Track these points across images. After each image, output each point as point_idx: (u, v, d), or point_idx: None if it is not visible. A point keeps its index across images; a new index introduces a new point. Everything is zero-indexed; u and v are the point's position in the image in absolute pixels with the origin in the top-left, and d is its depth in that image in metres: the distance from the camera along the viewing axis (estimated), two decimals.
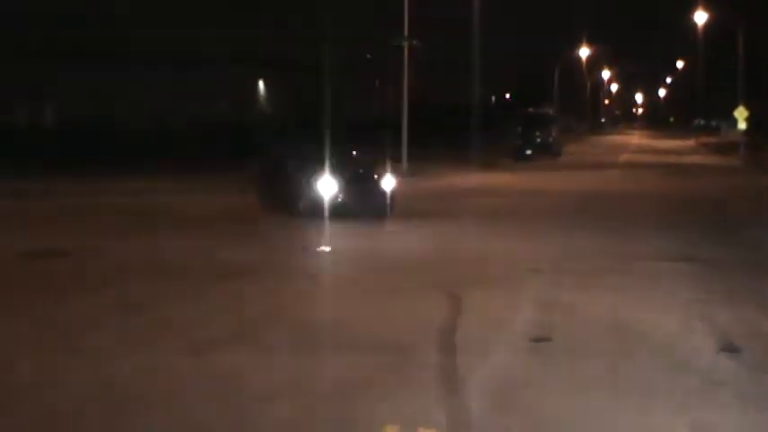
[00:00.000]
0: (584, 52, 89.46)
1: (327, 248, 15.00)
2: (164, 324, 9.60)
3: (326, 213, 17.90)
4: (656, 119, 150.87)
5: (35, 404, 7.07)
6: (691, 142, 75.71)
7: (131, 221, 19.06)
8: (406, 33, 32.52)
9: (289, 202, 19.01)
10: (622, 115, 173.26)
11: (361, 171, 19.35)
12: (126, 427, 6.61)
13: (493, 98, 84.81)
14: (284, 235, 16.90)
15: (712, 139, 74.02)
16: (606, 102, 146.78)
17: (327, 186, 18.23)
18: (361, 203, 18.45)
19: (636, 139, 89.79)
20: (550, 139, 49.70)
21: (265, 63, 56.59)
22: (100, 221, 19.06)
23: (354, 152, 20.64)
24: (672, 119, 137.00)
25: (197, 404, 7.05)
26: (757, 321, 9.76)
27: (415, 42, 32.88)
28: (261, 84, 60.04)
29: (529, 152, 46.79)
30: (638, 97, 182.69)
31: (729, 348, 8.58)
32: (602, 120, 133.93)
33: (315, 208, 18.16)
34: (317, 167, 18.58)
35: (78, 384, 7.54)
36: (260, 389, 7.38)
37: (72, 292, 11.37)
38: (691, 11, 64.45)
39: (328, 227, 17.58)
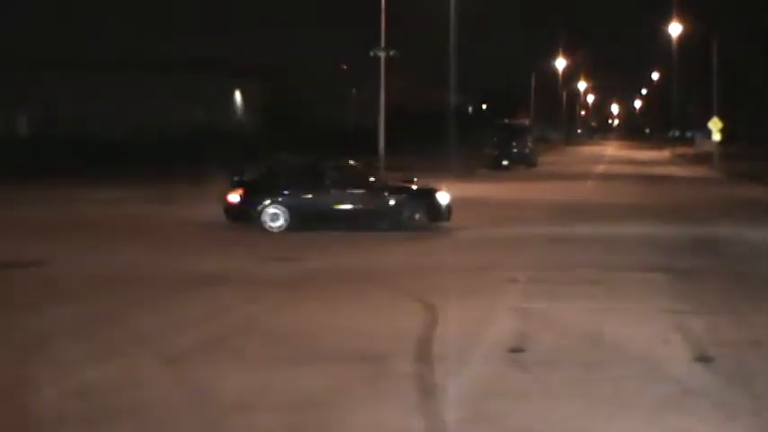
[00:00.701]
0: (560, 63, 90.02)
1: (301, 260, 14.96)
2: (136, 334, 9.52)
3: (447, 219, 19.33)
4: (632, 130, 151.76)
5: (8, 413, 6.98)
6: (666, 153, 76.25)
7: (103, 231, 18.90)
8: (383, 44, 32.57)
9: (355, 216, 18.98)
10: (598, 126, 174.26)
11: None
12: None
13: (470, 108, 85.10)
14: (262, 245, 16.84)
15: (688, 150, 74.62)
16: (582, 112, 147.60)
17: (445, 196, 19.53)
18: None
19: (612, 149, 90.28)
20: (527, 150, 49.99)
21: (241, 72, 56.49)
22: (72, 231, 18.87)
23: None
24: (648, 130, 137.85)
25: (171, 414, 6.98)
26: (731, 331, 9.80)
27: (391, 53, 32.93)
28: (238, 93, 59.91)
29: (505, 162, 47.02)
30: (614, 108, 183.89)
31: (703, 357, 8.62)
32: (579, 130, 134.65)
33: (438, 215, 19.29)
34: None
35: (51, 395, 7.45)
36: (234, 399, 7.32)
37: (43, 302, 11.24)
38: (666, 23, 65.06)
39: (288, 238, 17.50)
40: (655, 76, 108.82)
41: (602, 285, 12.59)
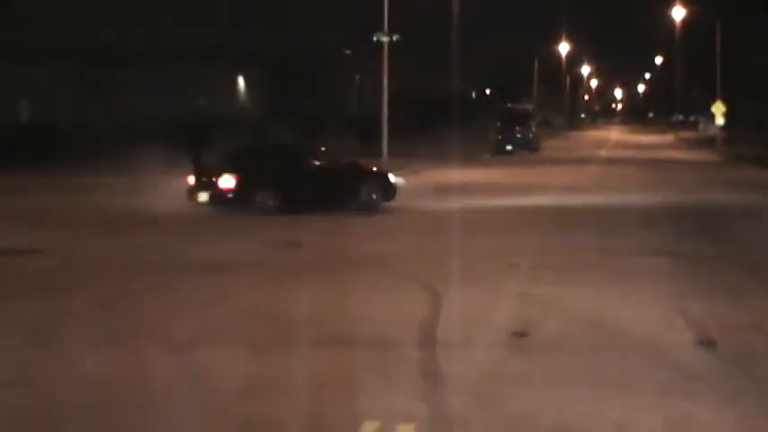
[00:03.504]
0: (563, 48, 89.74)
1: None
2: (140, 321, 9.55)
3: None
4: (636, 114, 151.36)
5: (11, 405, 7.02)
6: (670, 137, 76.10)
7: (102, 218, 18.88)
8: (385, 28, 32.48)
9: None
10: (602, 110, 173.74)
11: None
12: (104, 427, 6.58)
13: (473, 93, 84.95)
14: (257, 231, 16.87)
15: (691, 134, 74.51)
16: (586, 97, 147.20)
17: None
18: None
19: (615, 134, 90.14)
20: (530, 135, 50.04)
21: (245, 59, 56.37)
22: (70, 218, 18.85)
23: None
24: (651, 114, 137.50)
25: (176, 402, 7.02)
26: (734, 315, 9.83)
27: (395, 38, 32.84)
28: (241, 80, 59.79)
29: (509, 147, 47.07)
30: (618, 92, 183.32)
31: (707, 342, 8.65)
32: (582, 115, 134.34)
33: None
34: None
35: (55, 384, 7.48)
36: (239, 385, 7.36)
37: (45, 290, 11.24)
38: (669, 6, 64.82)
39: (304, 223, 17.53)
40: (658, 60, 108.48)
41: (605, 270, 12.59)
